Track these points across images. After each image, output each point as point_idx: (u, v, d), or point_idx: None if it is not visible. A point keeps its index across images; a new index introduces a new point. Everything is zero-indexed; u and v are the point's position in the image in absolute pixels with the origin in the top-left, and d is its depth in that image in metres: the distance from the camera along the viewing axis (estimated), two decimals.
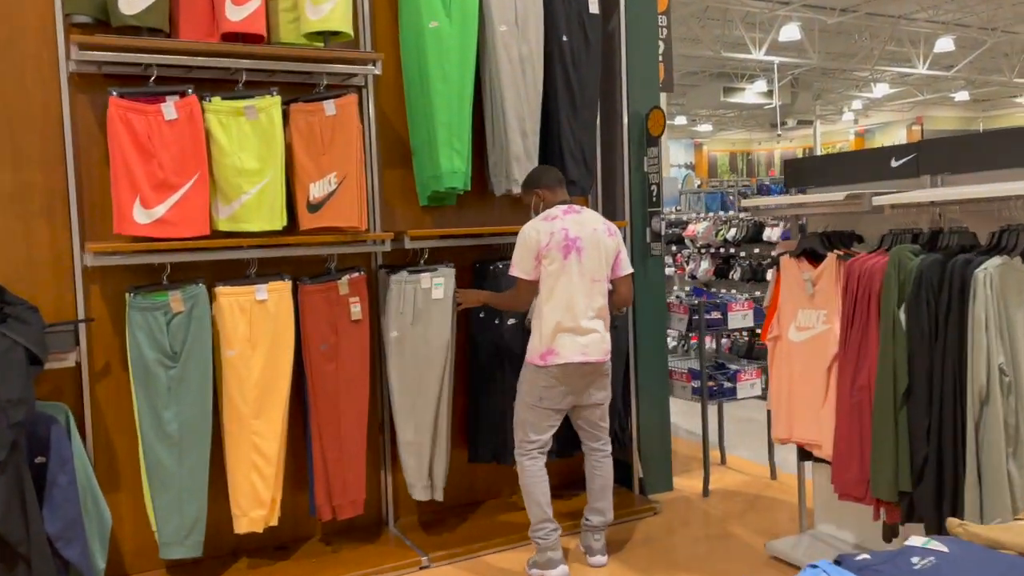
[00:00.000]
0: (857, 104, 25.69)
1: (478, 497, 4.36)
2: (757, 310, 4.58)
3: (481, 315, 4.04)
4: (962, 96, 24.32)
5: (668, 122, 4.67)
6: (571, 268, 3.44)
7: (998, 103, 26.59)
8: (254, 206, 3.43)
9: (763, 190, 9.66)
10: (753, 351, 6.59)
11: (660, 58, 4.46)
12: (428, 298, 3.74)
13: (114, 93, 3.21)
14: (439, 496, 3.84)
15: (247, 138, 3.42)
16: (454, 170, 3.77)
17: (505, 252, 4.21)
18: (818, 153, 26.71)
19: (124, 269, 3.45)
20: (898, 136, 26.25)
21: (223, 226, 3.43)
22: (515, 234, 4.02)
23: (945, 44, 17.39)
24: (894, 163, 3.25)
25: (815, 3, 14.99)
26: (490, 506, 4.30)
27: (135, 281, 3.41)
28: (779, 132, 22.82)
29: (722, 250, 7.24)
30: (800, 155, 25.38)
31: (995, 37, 17.62)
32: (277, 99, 3.46)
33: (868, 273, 2.94)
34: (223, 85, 3.53)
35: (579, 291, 3.45)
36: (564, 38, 4.04)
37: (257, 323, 3.45)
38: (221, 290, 3.41)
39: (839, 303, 3.11)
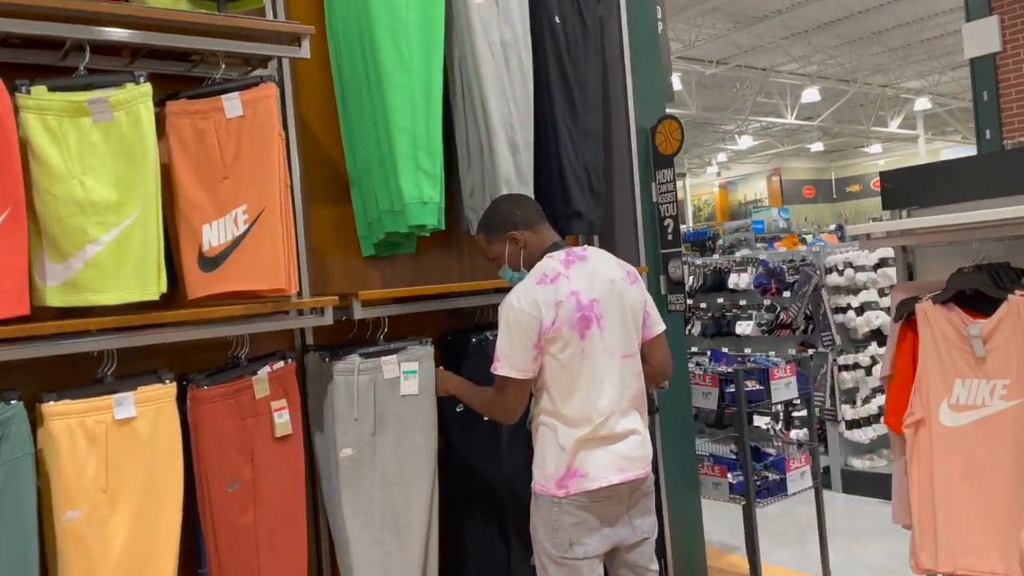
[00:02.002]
0: (722, 156, 26.31)
1: None
2: (800, 376, 3.55)
3: (459, 408, 2.77)
4: (817, 147, 25.41)
5: None
6: (594, 348, 2.27)
7: (848, 153, 28.03)
8: (109, 264, 2.07)
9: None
10: (723, 419, 5.58)
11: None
12: (395, 394, 2.45)
13: None
14: None
15: (95, 153, 2.07)
16: (423, 199, 2.54)
17: (490, 317, 2.98)
18: (688, 207, 27.04)
19: None
20: (758, 187, 27.13)
21: (55, 299, 2.05)
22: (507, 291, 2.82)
23: (811, 95, 17.97)
24: None
25: (692, 55, 14.90)
26: None
27: None
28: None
29: None
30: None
31: (855, 88, 18.29)
32: (146, 89, 2.12)
33: None
34: (53, 71, 2.17)
35: (608, 379, 2.29)
36: (556, 19, 2.93)
37: (118, 460, 2.05)
38: (52, 408, 2.00)
39: None
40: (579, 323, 2.25)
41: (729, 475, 3.41)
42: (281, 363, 2.37)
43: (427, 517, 2.47)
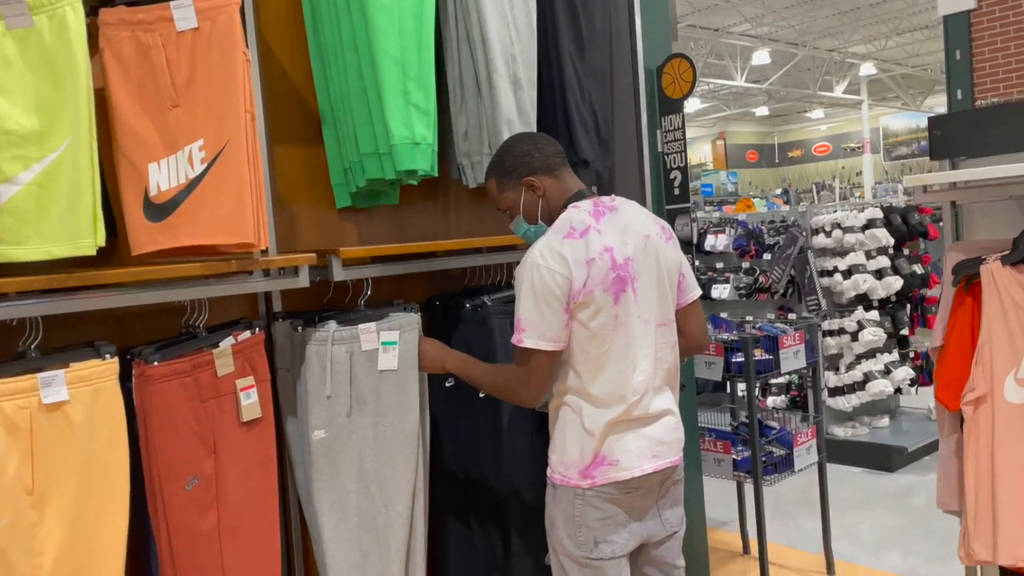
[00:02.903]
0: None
1: None
2: (808, 344, 3.29)
3: (449, 383, 2.42)
4: (762, 111, 25.47)
5: None
6: (628, 315, 1.93)
7: (791, 118, 28.20)
8: (30, 210, 1.64)
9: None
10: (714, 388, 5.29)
11: None
12: (374, 369, 2.08)
13: None
14: None
15: (9, 68, 1.63)
16: (414, 139, 2.14)
17: (483, 280, 2.63)
18: None
19: None
20: (703, 151, 27.19)
21: None
22: (510, 250, 2.46)
23: (761, 57, 17.88)
24: None
25: None
26: None
27: None
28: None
29: None
30: None
31: (804, 51, 18.23)
32: None
33: None
34: None
35: (643, 351, 1.96)
36: None
37: (46, 455, 1.65)
38: None
39: None
40: (613, 285, 1.90)
41: (732, 451, 3.15)
42: (247, 333, 1.97)
43: (408, 516, 2.09)
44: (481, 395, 2.43)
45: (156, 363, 1.79)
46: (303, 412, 2.10)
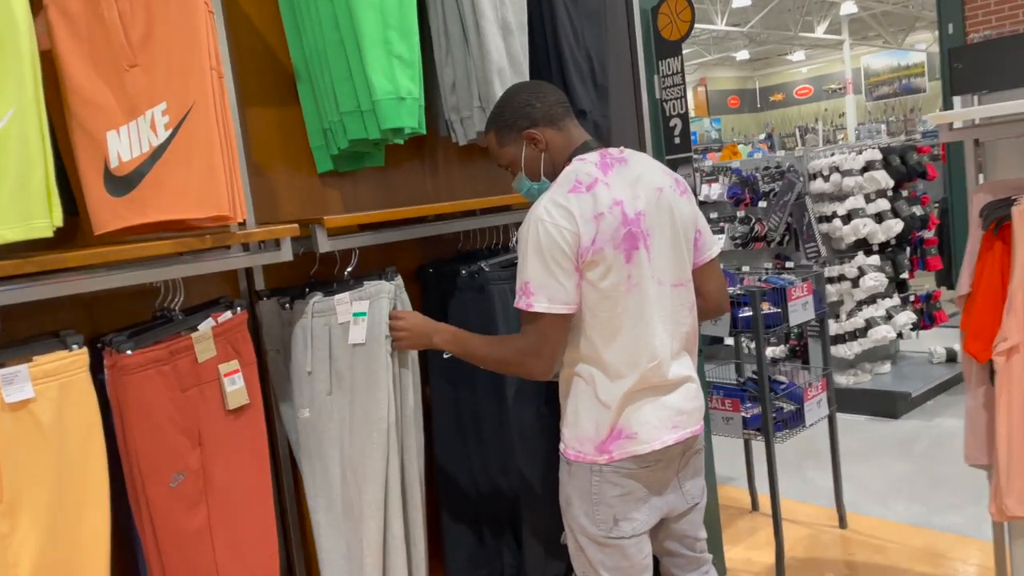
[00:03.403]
0: None
1: None
2: (816, 294, 3.17)
3: (447, 355, 2.26)
4: (743, 55, 25.13)
5: None
6: (641, 275, 1.79)
7: (772, 62, 27.86)
8: None
9: None
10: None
11: None
12: (345, 341, 1.93)
13: None
14: None
15: None
16: (399, 93, 1.97)
17: (478, 243, 2.48)
18: None
19: None
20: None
21: None
22: (507, 211, 2.31)
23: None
24: None
25: None
26: None
27: None
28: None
29: None
30: None
31: None
32: None
33: None
34: None
35: (659, 313, 1.82)
36: None
37: (15, 458, 1.50)
38: None
39: None
40: (624, 241, 1.75)
41: (741, 408, 3.04)
42: (228, 314, 1.82)
43: (381, 504, 1.92)
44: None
45: (130, 351, 1.63)
46: (290, 390, 1.97)
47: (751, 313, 2.94)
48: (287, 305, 1.96)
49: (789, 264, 4.90)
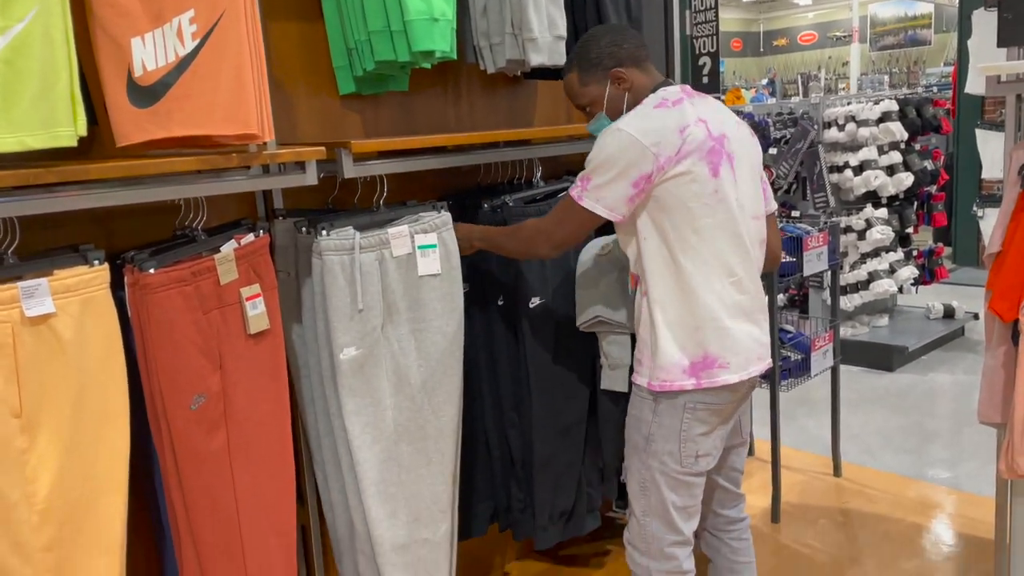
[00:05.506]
0: None
1: None
2: (831, 244, 3.14)
3: (464, 289, 2.23)
4: None
5: None
6: (726, 193, 1.78)
7: (777, 4, 27.26)
8: None
9: None
10: None
11: None
12: (412, 275, 1.89)
13: None
14: None
15: None
16: (432, 14, 1.88)
17: (499, 177, 2.43)
18: None
19: None
20: None
21: None
22: (530, 144, 2.26)
23: None
24: None
25: None
26: None
27: None
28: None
29: None
30: None
31: None
32: None
33: None
34: None
35: (744, 236, 1.82)
36: None
37: (34, 373, 1.46)
38: None
39: None
40: (710, 155, 1.74)
41: None
42: (251, 236, 1.77)
43: (459, 422, 2.00)
44: (500, 302, 2.27)
45: (152, 270, 1.59)
46: (321, 327, 1.88)
47: None
48: (303, 229, 1.90)
49: (795, 213, 4.85)
